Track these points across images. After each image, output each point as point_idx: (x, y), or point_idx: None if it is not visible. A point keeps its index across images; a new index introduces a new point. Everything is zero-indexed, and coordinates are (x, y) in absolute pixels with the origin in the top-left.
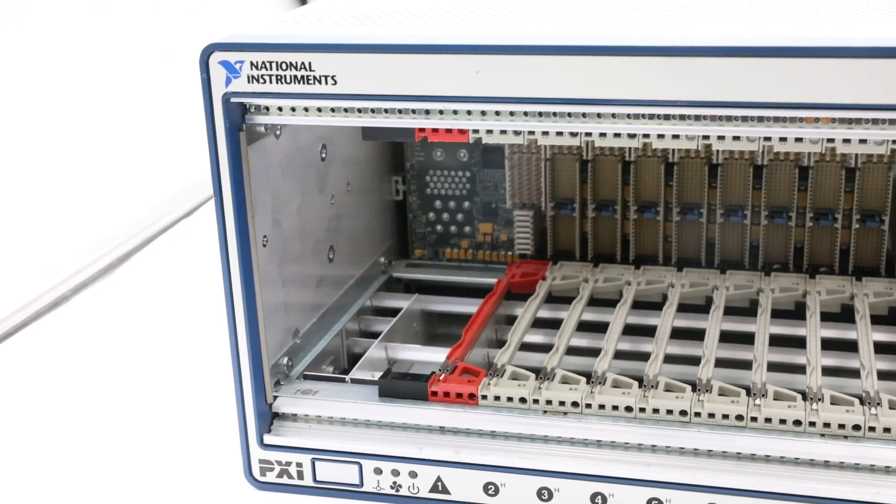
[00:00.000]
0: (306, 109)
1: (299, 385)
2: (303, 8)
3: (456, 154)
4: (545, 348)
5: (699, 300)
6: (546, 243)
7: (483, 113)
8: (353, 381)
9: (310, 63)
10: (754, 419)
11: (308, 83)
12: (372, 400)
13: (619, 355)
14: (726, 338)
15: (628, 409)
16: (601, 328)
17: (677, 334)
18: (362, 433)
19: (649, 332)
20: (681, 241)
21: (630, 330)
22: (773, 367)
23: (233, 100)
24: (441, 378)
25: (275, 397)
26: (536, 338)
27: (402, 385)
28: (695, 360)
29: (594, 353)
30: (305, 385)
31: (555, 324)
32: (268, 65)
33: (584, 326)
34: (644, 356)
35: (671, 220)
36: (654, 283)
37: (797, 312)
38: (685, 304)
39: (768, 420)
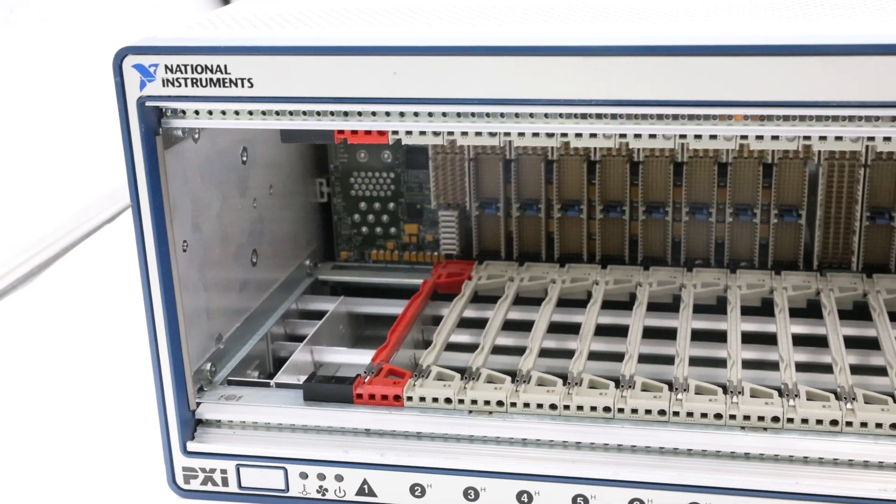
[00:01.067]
0: (223, 113)
1: (223, 391)
2: (220, 10)
3: (380, 155)
4: (471, 348)
5: (623, 297)
6: (472, 243)
7: (402, 114)
8: (278, 385)
9: (225, 66)
10: (676, 414)
11: (224, 86)
12: (297, 404)
13: (544, 353)
14: (650, 334)
15: (552, 406)
16: (527, 327)
17: (601, 331)
18: (287, 438)
19: (574, 329)
20: (605, 238)
21: (555, 328)
22: (695, 361)
23: (148, 104)
24: (366, 380)
25: (198, 404)
26: (462, 338)
27: (326, 388)
28: (618, 357)
29: (520, 351)
30: (229, 390)
31: (481, 323)
32: (183, 68)
33: (509, 325)
34: (569, 354)
35: (595, 218)
36: (578, 280)
37: (718, 307)
38: (609, 301)
39: (690, 414)
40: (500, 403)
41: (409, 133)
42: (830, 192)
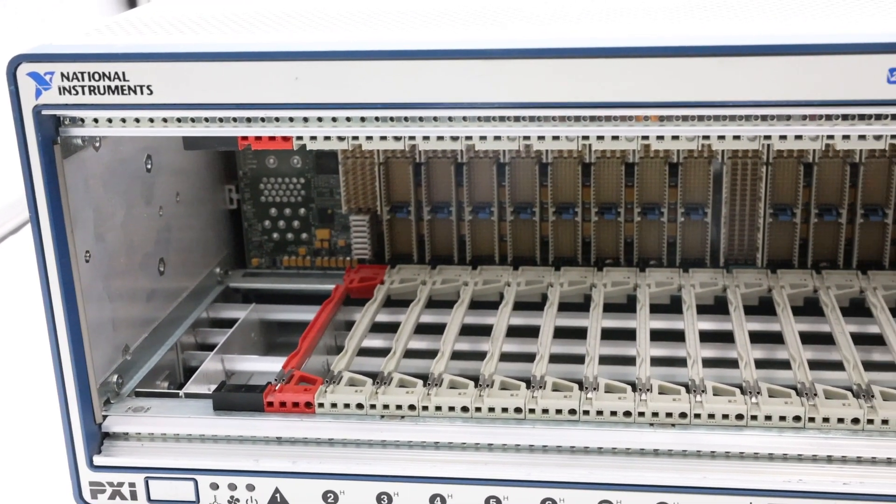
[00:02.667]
0: (123, 120)
1: (131, 403)
2: (121, 15)
3: (289, 160)
4: (384, 353)
5: (535, 298)
6: (384, 247)
7: (305, 119)
8: (188, 395)
9: (124, 73)
10: (587, 413)
11: (123, 94)
12: (207, 414)
13: (457, 356)
14: (561, 333)
15: (464, 409)
16: (440, 330)
17: (513, 332)
18: (197, 448)
19: (487, 331)
20: (516, 239)
21: (468, 330)
22: (606, 360)
23: (44, 112)
24: (277, 388)
25: (104, 416)
26: (375, 342)
27: (236, 397)
28: (531, 357)
29: (432, 355)
30: (137, 402)
31: (393, 327)
32: (80, 76)
33: (422, 329)
34: (481, 356)
35: (506, 220)
36: (491, 282)
37: (629, 306)
38: (521, 302)
39: (600, 413)
40: (412, 407)
41: (313, 138)
42: (735, 189)
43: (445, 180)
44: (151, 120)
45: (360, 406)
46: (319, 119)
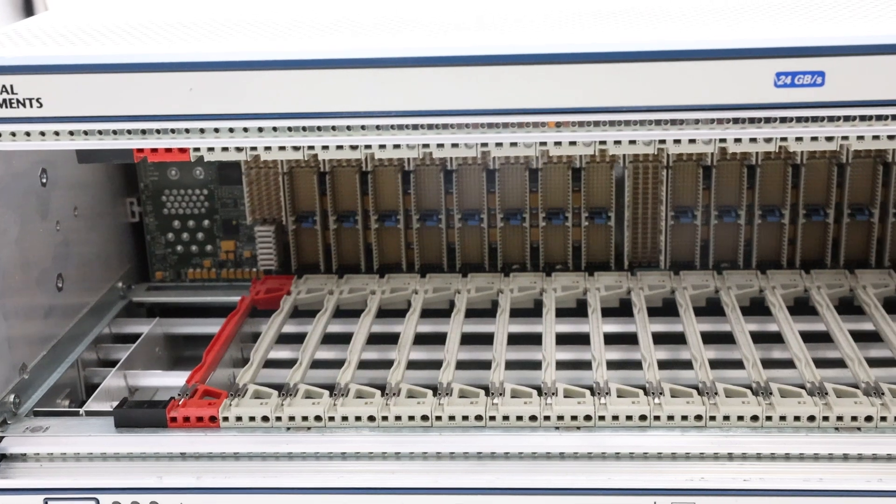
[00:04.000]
0: (13, 134)
1: (29, 422)
2: (9, 26)
3: (192, 172)
4: (291, 364)
5: (443, 305)
6: (290, 257)
7: (202, 130)
8: (88, 413)
9: (11, 86)
10: (493, 418)
11: (11, 107)
12: (108, 432)
13: (364, 365)
14: (468, 340)
15: (371, 418)
16: (346, 339)
17: (421, 340)
18: (99, 467)
19: (394, 339)
20: (422, 247)
21: (375, 339)
22: (513, 365)
23: None
24: (180, 403)
25: (0, 438)
26: (282, 354)
27: (138, 413)
28: (439, 364)
29: (339, 364)
30: (36, 422)
31: (300, 338)
32: None
33: (329, 339)
34: (388, 364)
35: (412, 228)
36: (398, 290)
37: (535, 310)
38: (429, 310)
39: (506, 418)
40: (318, 418)
41: (210, 150)
42: (636, 193)
43: (350, 188)
44: (42, 133)
45: (265, 419)
46: (216, 130)
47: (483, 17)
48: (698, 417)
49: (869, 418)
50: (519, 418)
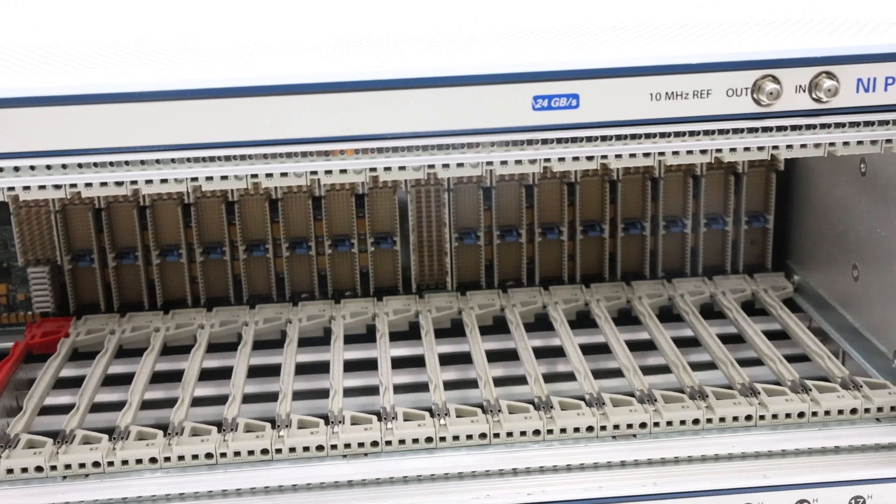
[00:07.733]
0: None
1: None
2: None
3: None
4: (68, 409)
5: (231, 337)
6: (67, 298)
7: None
8: None
9: None
10: (279, 451)
11: None
12: None
13: (148, 405)
14: (254, 372)
15: (153, 460)
16: (129, 380)
17: (207, 375)
18: None
19: (178, 377)
20: (207, 280)
21: (160, 377)
22: (300, 395)
23: None
24: None
25: None
26: (59, 399)
27: None
28: (225, 400)
29: (121, 406)
30: None
31: (79, 382)
32: None
33: (110, 380)
34: (172, 402)
35: (195, 261)
36: (184, 326)
37: (325, 339)
38: (216, 344)
39: (293, 449)
40: (96, 464)
41: None
42: (420, 217)
43: (128, 224)
44: None
45: (39, 469)
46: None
47: (258, 43)
48: (482, 436)
49: (643, 425)
50: (306, 449)
